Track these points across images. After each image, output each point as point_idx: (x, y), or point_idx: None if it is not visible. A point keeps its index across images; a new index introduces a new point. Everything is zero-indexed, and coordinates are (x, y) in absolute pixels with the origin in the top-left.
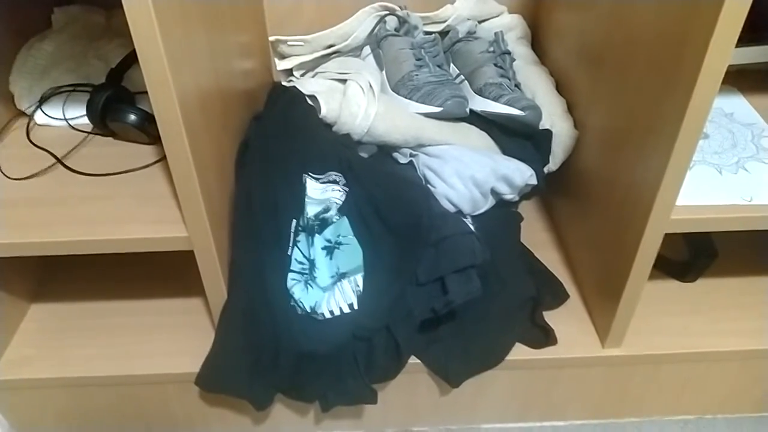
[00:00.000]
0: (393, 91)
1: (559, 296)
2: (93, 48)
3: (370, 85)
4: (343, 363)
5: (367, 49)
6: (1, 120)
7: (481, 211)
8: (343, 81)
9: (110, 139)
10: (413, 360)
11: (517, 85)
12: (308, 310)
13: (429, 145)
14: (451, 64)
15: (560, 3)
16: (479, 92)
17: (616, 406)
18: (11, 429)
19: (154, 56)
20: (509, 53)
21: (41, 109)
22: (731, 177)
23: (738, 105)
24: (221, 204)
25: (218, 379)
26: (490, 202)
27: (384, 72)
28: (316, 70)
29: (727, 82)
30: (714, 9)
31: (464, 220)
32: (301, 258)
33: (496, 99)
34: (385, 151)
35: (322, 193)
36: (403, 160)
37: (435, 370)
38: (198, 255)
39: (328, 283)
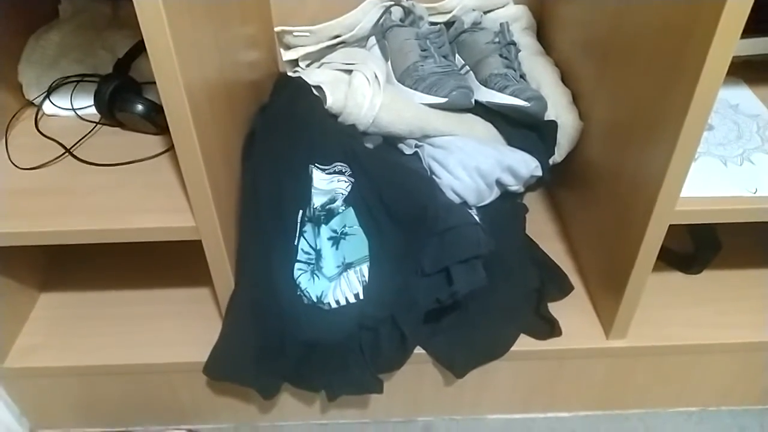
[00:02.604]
0: (398, 81)
1: (563, 288)
2: (100, 38)
3: (376, 76)
4: (348, 353)
5: (372, 40)
6: (9, 110)
7: (486, 202)
8: (349, 71)
9: (118, 129)
10: (418, 350)
11: (522, 76)
12: (314, 300)
13: (434, 136)
14: (457, 55)
15: None
16: (484, 83)
17: (620, 398)
18: (21, 416)
19: (162, 47)
20: (514, 44)
21: (49, 99)
22: (736, 168)
23: (743, 96)
24: (228, 194)
25: (225, 367)
26: (495, 193)
27: (389, 62)
28: (322, 61)
29: (732, 74)
30: (719, 0)
31: (469, 211)
32: (307, 248)
33: (501, 90)
34: (390, 141)
35: (328, 184)
36: (408, 150)
37: (440, 360)
38: (205, 244)
39: (334, 273)
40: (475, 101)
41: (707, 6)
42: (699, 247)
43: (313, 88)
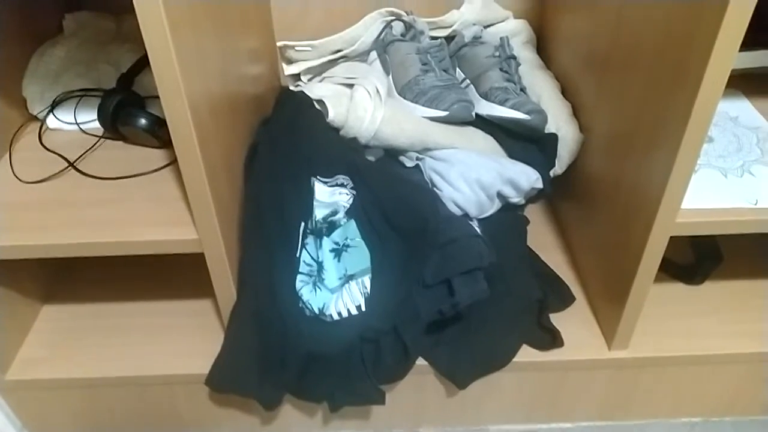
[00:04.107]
0: (399, 95)
1: (565, 299)
2: (103, 53)
3: (377, 90)
4: (350, 364)
5: (373, 54)
6: (13, 124)
7: (488, 214)
8: (350, 86)
9: (121, 143)
10: (420, 361)
11: (523, 90)
12: (316, 312)
13: (435, 149)
14: (457, 69)
15: (565, 8)
16: (485, 96)
17: (622, 408)
18: (24, 428)
19: (165, 61)
20: (515, 58)
21: (53, 114)
22: (736, 180)
23: (743, 109)
24: (231, 207)
25: (227, 379)
26: (497, 205)
27: (390, 76)
28: (324, 75)
29: (731, 86)
30: (718, 13)
31: (470, 223)
32: (309, 260)
33: (501, 103)
34: (391, 154)
35: (330, 196)
36: (409, 163)
37: (442, 371)
38: (208, 257)
39: (336, 285)
40: (476, 114)
41: (707, 17)
42: (700, 258)
43: (315, 102)
